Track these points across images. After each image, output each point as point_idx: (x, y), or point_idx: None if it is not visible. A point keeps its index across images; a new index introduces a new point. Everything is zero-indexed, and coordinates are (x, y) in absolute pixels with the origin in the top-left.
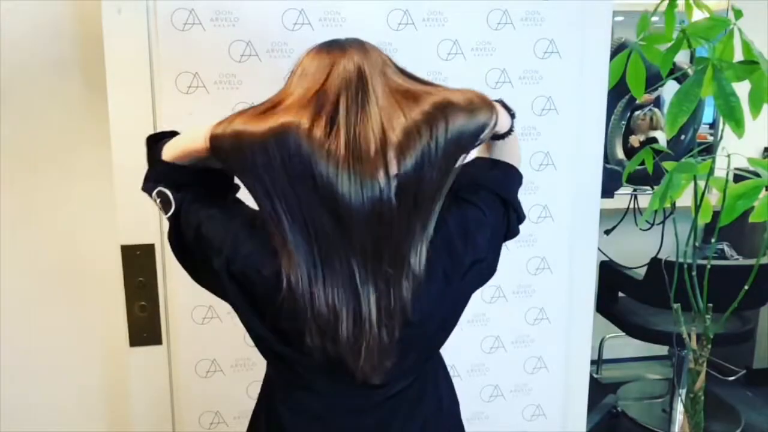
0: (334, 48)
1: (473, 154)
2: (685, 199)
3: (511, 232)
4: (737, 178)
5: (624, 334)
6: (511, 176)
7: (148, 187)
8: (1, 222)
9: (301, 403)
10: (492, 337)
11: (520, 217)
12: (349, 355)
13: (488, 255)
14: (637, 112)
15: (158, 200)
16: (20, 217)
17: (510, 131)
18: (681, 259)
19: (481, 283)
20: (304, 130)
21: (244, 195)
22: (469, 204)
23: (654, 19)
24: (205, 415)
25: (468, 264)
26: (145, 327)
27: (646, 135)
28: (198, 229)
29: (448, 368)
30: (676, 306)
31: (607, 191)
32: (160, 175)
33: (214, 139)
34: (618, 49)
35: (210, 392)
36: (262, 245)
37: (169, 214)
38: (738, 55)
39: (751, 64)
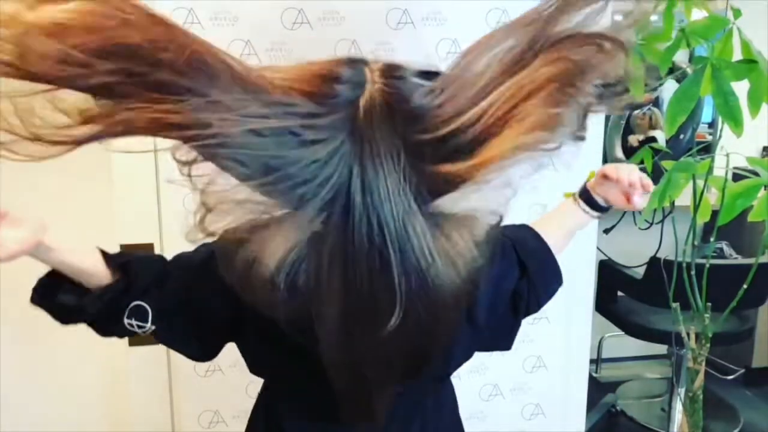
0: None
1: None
2: (684, 198)
3: (530, 306)
4: (736, 177)
5: (623, 333)
6: (545, 255)
7: (116, 324)
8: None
9: (301, 403)
10: None
11: (539, 299)
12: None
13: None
14: (636, 112)
15: (135, 322)
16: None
17: (601, 209)
18: (680, 259)
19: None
20: None
21: None
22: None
23: (653, 18)
24: (204, 414)
25: None
26: None
27: (645, 134)
28: (207, 278)
29: None
30: (675, 305)
31: None
32: (111, 308)
33: None
34: None
35: (209, 391)
36: None
37: (150, 321)
38: (737, 55)
39: (749, 63)
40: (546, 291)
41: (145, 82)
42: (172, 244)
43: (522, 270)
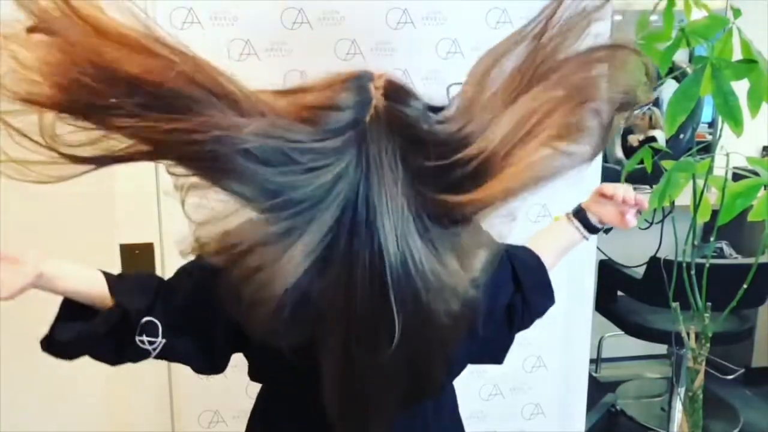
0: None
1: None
2: (684, 198)
3: (524, 321)
4: (736, 177)
5: (623, 332)
6: (540, 273)
7: (128, 346)
8: (1, 220)
9: (301, 408)
10: None
11: (532, 315)
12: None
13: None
14: (635, 111)
15: (146, 338)
16: (18, 215)
17: (594, 229)
18: (680, 258)
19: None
20: None
21: None
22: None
23: (653, 18)
24: (204, 414)
25: None
26: None
27: (645, 134)
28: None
29: None
30: (675, 305)
31: None
32: (120, 329)
33: None
34: None
35: (209, 391)
36: None
37: (160, 335)
38: (737, 54)
39: (749, 62)
40: (538, 308)
41: (143, 105)
42: (172, 244)
43: (517, 285)
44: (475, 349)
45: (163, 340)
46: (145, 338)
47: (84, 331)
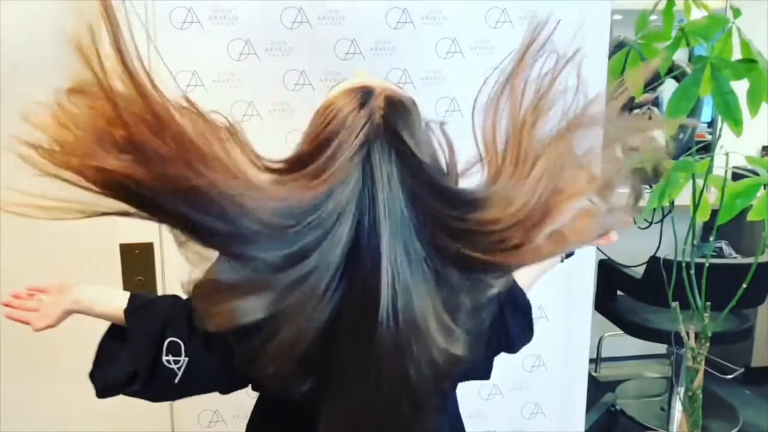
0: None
1: None
2: (683, 198)
3: (500, 345)
4: (736, 177)
5: (622, 332)
6: (522, 302)
7: (156, 366)
8: (1, 218)
9: (303, 407)
10: None
11: (510, 342)
12: None
13: None
14: (635, 111)
15: (171, 358)
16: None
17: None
18: (679, 258)
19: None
20: None
21: None
22: None
23: (653, 17)
24: (203, 413)
25: None
26: None
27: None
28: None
29: None
30: (674, 304)
31: None
32: (143, 351)
33: None
34: (617, 47)
35: None
36: None
37: (183, 353)
38: (736, 54)
39: (749, 62)
40: (515, 336)
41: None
42: (172, 244)
43: (499, 306)
44: (461, 375)
45: (186, 359)
46: (170, 357)
47: (114, 373)
